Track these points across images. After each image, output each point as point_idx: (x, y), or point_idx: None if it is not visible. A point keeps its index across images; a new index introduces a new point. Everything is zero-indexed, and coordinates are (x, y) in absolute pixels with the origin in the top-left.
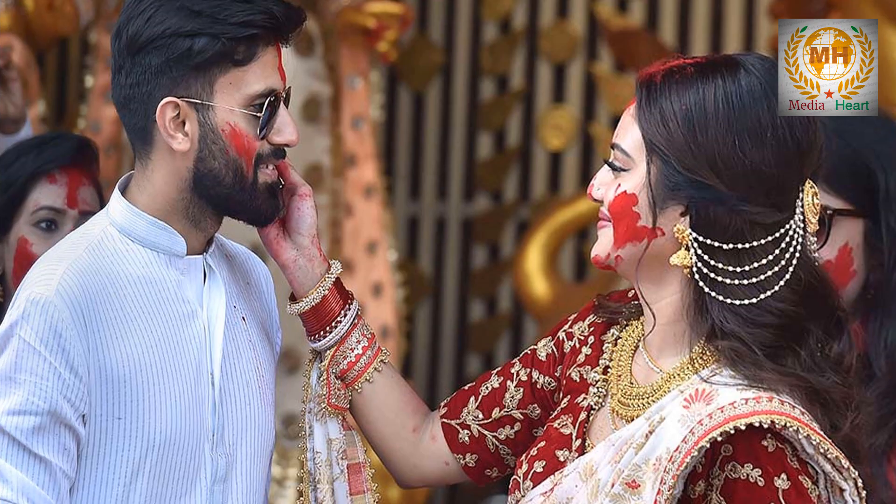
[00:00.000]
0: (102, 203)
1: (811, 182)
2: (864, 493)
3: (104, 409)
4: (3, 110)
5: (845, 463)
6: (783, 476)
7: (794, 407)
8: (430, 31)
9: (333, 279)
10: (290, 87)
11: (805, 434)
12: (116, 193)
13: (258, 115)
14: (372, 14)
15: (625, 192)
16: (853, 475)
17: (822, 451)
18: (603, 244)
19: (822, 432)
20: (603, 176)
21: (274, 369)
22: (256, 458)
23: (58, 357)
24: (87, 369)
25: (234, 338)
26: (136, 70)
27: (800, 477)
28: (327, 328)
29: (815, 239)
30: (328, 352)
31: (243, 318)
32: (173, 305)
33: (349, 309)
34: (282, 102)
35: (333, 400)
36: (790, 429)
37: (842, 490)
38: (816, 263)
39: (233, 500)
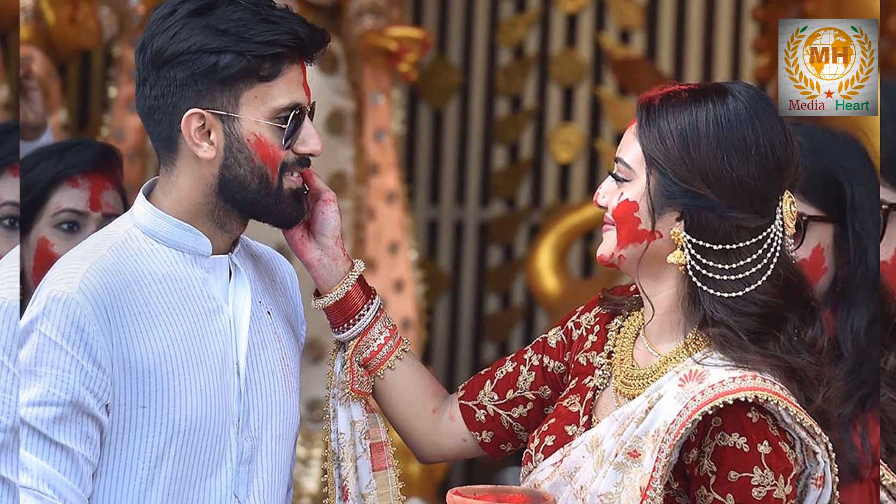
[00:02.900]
0: (126, 207)
1: (789, 192)
2: (833, 455)
3: (128, 398)
4: (23, 117)
5: (818, 430)
6: (765, 443)
7: (774, 384)
8: (449, 55)
9: (357, 276)
10: (314, 102)
11: (784, 406)
12: (141, 197)
13: (283, 126)
14: (393, 38)
15: (627, 199)
16: (824, 440)
17: (798, 420)
18: (607, 245)
19: (798, 405)
20: (607, 185)
21: (299, 359)
22: (281, 441)
23: (80, 351)
24: (111, 361)
25: (260, 330)
26: (161, 83)
27: (779, 443)
28: (351, 321)
29: (793, 241)
30: (352, 342)
31: (268, 313)
32: (198, 301)
33: (372, 303)
34: (306, 115)
35: (357, 386)
36: (771, 402)
37: (815, 453)
38: (793, 262)
39: (258, 480)
